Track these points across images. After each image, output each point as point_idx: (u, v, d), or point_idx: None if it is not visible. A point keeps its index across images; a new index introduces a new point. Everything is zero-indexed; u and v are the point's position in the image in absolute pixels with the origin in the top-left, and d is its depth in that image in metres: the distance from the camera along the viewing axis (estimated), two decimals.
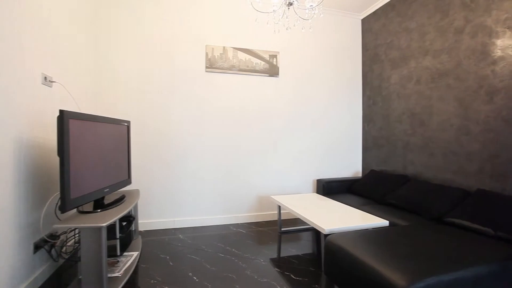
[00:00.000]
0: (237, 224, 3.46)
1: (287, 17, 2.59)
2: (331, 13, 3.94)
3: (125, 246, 2.28)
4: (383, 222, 2.23)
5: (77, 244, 2.23)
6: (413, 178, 3.15)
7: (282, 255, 2.57)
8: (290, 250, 2.68)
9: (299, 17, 2.76)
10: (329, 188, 3.55)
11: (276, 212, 3.66)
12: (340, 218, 2.31)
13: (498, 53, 2.40)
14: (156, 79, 3.23)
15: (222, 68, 3.45)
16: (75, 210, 1.95)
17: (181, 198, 3.33)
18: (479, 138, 2.52)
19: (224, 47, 3.46)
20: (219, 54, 3.44)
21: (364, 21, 4.08)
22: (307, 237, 3.05)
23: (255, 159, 3.60)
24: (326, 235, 2.08)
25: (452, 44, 2.79)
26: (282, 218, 3.68)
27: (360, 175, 4.11)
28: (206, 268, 2.29)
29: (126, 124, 2.56)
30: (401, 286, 1.31)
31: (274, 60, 3.66)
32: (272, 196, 3.16)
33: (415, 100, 3.21)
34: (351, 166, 4.07)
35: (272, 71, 3.66)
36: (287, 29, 2.68)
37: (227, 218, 3.48)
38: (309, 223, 2.29)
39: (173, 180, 3.30)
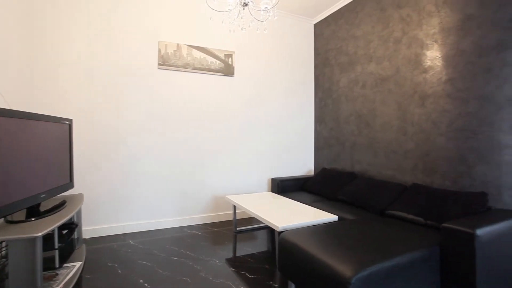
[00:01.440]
0: (192, 225, 3.38)
1: (242, 18, 2.60)
2: (286, 16, 4.05)
3: (65, 257, 2.08)
4: (333, 217, 2.36)
5: (4, 260, 1.97)
6: (359, 175, 3.40)
7: (237, 254, 2.58)
8: (245, 249, 2.70)
9: (254, 18, 2.79)
10: (284, 187, 3.66)
11: (231, 212, 3.66)
12: (293, 215, 2.40)
13: (428, 63, 2.70)
14: (104, 73, 3.00)
15: (176, 66, 3.34)
16: (2, 220, 1.72)
17: (133, 201, 3.15)
18: (414, 138, 2.81)
19: (178, 44, 3.35)
20: (172, 51, 3.32)
21: (316, 26, 4.28)
22: (262, 235, 3.10)
23: (210, 159, 3.56)
24: (280, 232, 2.13)
25: (392, 52, 3.07)
26: (238, 217, 3.69)
27: (312, 173, 4.31)
28: (159, 273, 2.20)
29: (67, 122, 2.34)
30: (347, 276, 1.40)
31: (230, 59, 3.65)
32: (227, 196, 3.15)
33: (361, 103, 3.46)
34: (304, 165, 4.24)
35: (228, 70, 3.65)
36: (242, 29, 2.69)
37: (181, 220, 3.38)
38: (264, 222, 2.33)
39: (124, 182, 3.10)
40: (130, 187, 3.13)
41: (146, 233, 3.09)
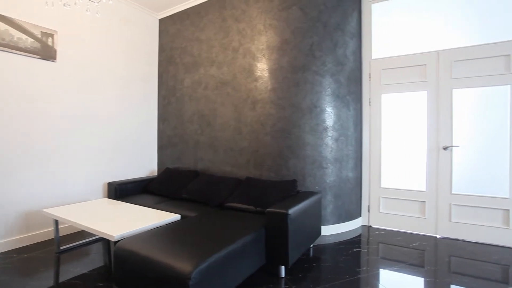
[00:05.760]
0: None
1: None
2: (127, 4, 3.67)
3: None
4: (175, 217, 2.35)
5: None
6: (202, 172, 3.56)
7: (61, 279, 2.10)
8: (73, 270, 2.24)
9: None
10: (123, 191, 3.30)
11: (53, 228, 2.95)
12: (133, 221, 2.20)
13: (258, 73, 3.17)
14: None
15: None
16: None
17: None
18: (247, 137, 3.23)
19: None
20: None
21: (162, 21, 4.13)
22: (97, 249, 2.68)
23: (21, 165, 2.71)
24: (116, 242, 1.91)
25: (230, 60, 3.40)
26: (64, 233, 3.03)
27: (156, 174, 4.14)
28: None
29: None
30: (187, 272, 1.43)
31: (50, 40, 2.93)
32: (45, 210, 2.51)
33: (203, 104, 3.63)
34: (147, 165, 4.00)
35: (47, 53, 2.91)
36: (64, 5, 2.20)
37: None
38: (96, 233, 2.01)
39: None
40: None
41: None
